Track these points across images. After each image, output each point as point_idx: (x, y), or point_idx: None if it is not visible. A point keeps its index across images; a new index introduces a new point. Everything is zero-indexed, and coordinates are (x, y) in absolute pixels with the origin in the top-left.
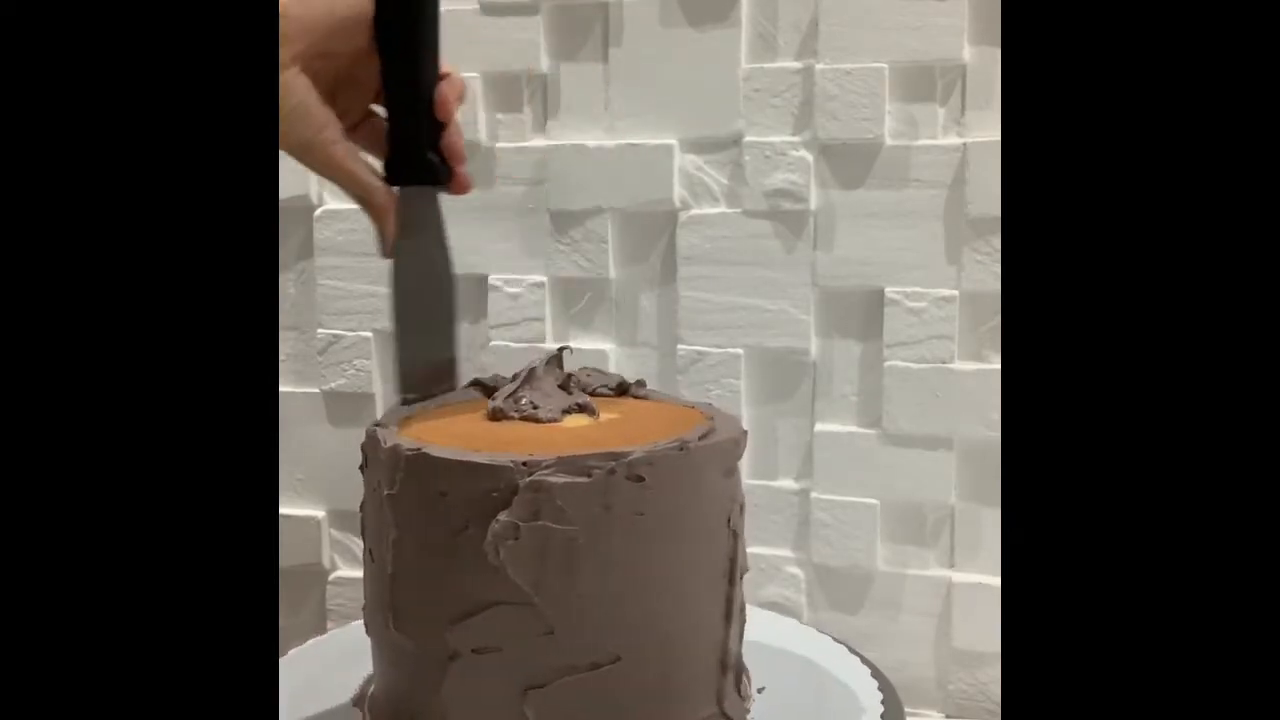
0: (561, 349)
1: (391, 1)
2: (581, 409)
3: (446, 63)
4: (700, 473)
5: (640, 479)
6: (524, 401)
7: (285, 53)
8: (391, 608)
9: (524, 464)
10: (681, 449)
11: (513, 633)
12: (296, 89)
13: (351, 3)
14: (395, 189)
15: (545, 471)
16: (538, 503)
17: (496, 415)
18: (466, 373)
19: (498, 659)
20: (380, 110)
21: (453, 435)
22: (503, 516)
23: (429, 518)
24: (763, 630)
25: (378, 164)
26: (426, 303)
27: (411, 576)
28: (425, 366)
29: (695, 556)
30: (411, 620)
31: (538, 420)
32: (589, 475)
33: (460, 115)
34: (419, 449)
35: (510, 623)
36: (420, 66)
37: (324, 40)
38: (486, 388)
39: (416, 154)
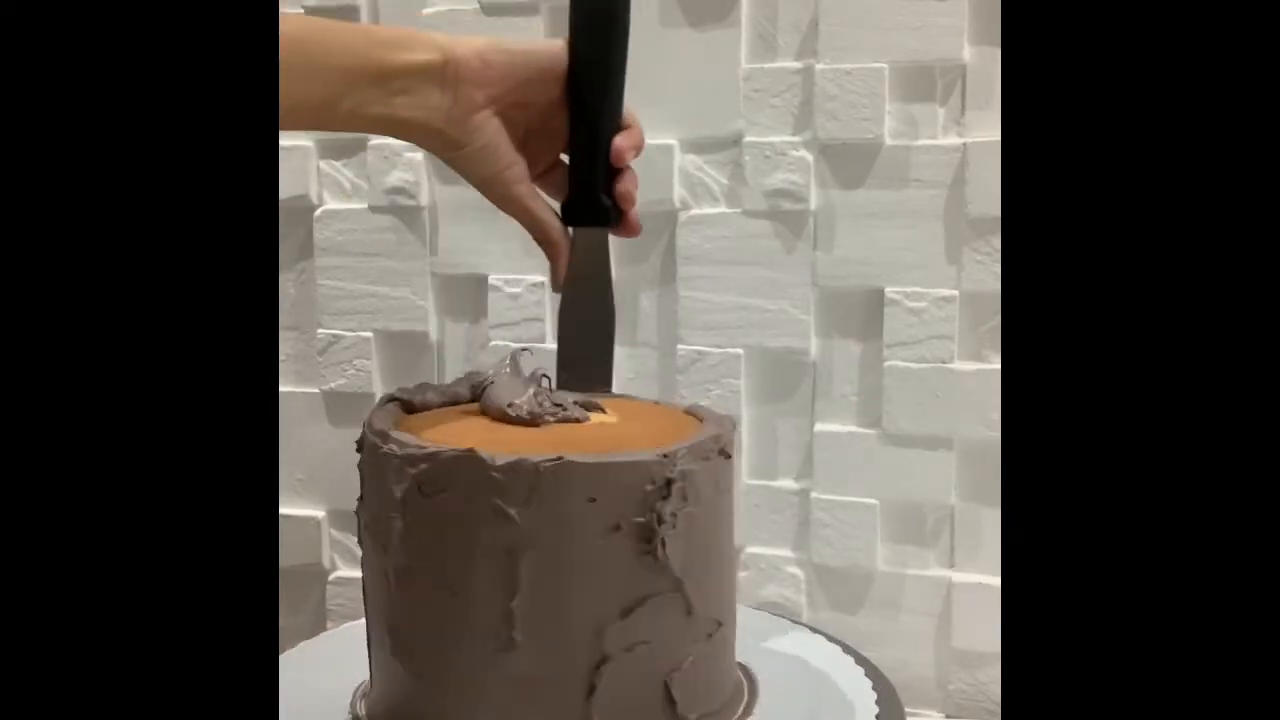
0: (522, 349)
1: (586, 57)
2: (589, 408)
3: (631, 114)
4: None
5: (729, 456)
6: (548, 404)
7: (482, 95)
8: (510, 632)
9: (665, 455)
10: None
11: (661, 622)
12: (488, 130)
13: (551, 55)
14: (570, 229)
15: (684, 460)
16: (685, 490)
17: (534, 419)
18: (460, 370)
19: (647, 651)
20: (566, 159)
21: (507, 441)
22: (658, 506)
23: (575, 527)
24: (760, 631)
25: (557, 205)
26: (590, 337)
27: (545, 593)
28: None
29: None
30: (543, 639)
31: (574, 420)
32: (708, 458)
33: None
34: (559, 458)
35: (659, 612)
36: (603, 116)
37: (520, 88)
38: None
39: (591, 197)
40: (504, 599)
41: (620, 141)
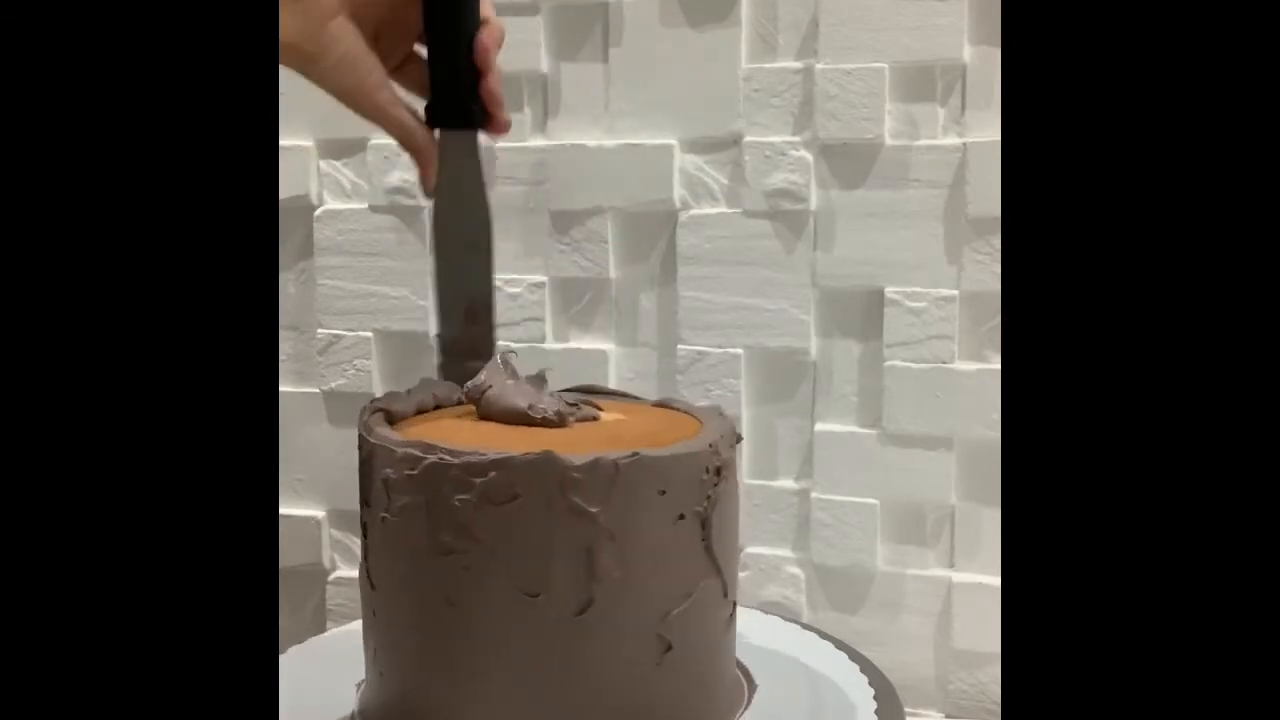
0: (508, 351)
1: None
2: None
3: (488, 8)
4: None
5: (741, 438)
6: (571, 405)
7: (332, 0)
8: (586, 626)
9: (711, 445)
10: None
11: (706, 608)
12: (344, 37)
13: None
14: (436, 132)
15: (724, 449)
16: (726, 477)
17: (561, 420)
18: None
19: (699, 638)
20: (422, 51)
21: (546, 442)
22: (710, 494)
23: (646, 519)
24: (760, 631)
25: (419, 105)
26: (465, 241)
27: (620, 587)
28: (464, 335)
29: None
30: (616, 632)
31: (590, 419)
32: (733, 446)
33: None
34: (635, 454)
35: (705, 598)
36: (461, 13)
37: None
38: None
39: (456, 99)
40: (583, 595)
41: (483, 38)
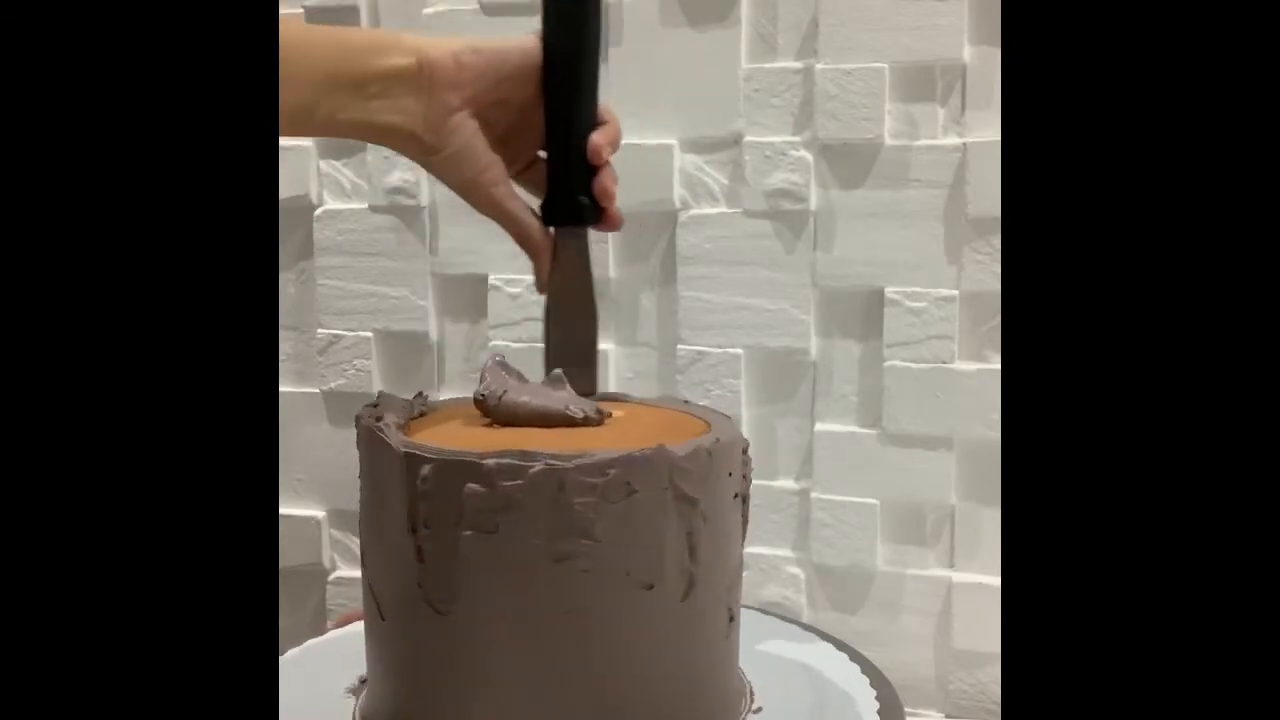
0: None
1: (558, 50)
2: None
3: (607, 111)
4: None
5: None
6: (593, 407)
7: (457, 97)
8: (690, 606)
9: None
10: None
11: (737, 578)
12: (464, 132)
13: (525, 53)
14: (550, 229)
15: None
16: (749, 456)
17: (601, 418)
18: (460, 370)
19: (740, 611)
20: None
21: (590, 440)
22: (746, 474)
23: (722, 500)
24: (760, 631)
25: (537, 204)
26: (575, 339)
27: (709, 567)
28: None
29: None
30: (707, 608)
31: (612, 416)
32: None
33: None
34: (718, 440)
35: (741, 569)
36: (577, 113)
37: (495, 88)
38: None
39: (569, 196)
40: (686, 580)
41: (597, 138)
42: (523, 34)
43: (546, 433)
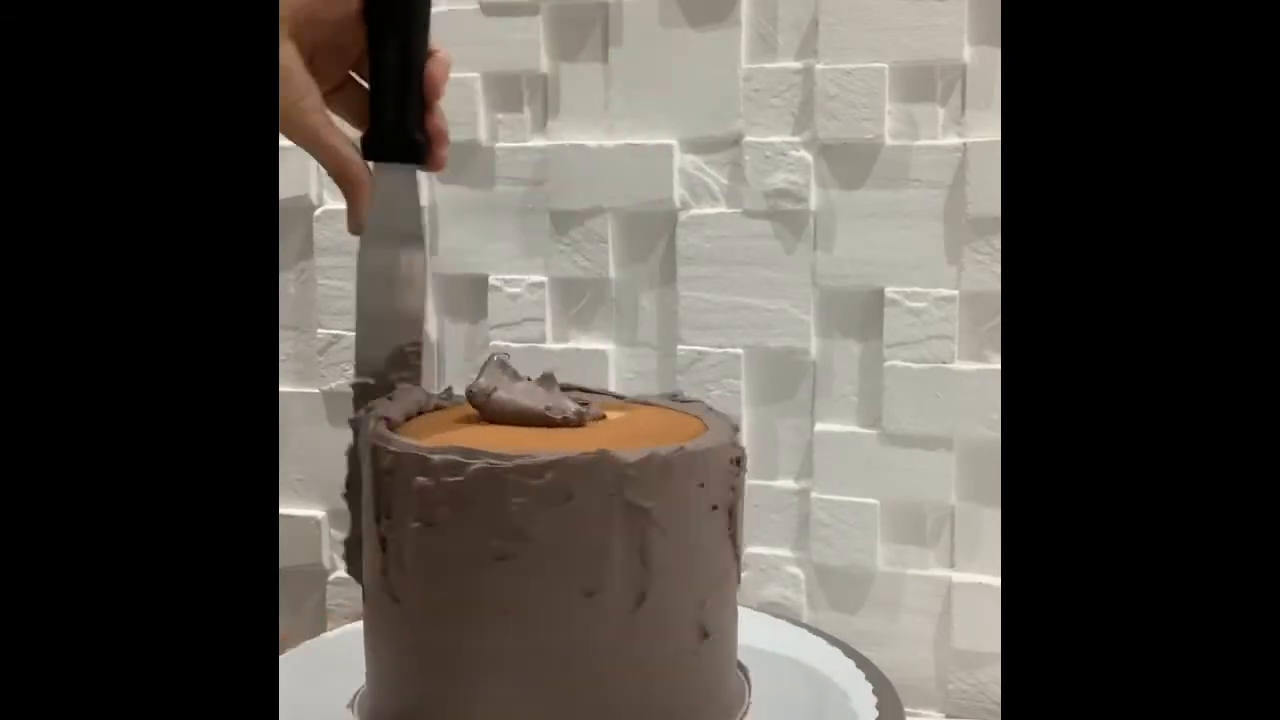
0: (500, 354)
1: None
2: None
3: (434, 40)
4: None
5: (738, 429)
6: (587, 406)
7: None
8: (641, 618)
9: (734, 437)
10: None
11: (730, 589)
12: (281, 55)
13: None
14: (371, 164)
15: (740, 441)
16: (742, 467)
17: (580, 420)
18: (461, 370)
19: (728, 621)
20: (358, 77)
21: (569, 443)
22: (734, 484)
23: (690, 511)
24: (760, 632)
25: (354, 134)
26: (400, 281)
27: (670, 578)
28: (387, 355)
29: None
30: (665, 623)
31: (600, 418)
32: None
33: (444, 103)
34: (680, 448)
35: (729, 587)
36: (412, 42)
37: (312, 4)
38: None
39: (401, 131)
40: (638, 589)
41: (434, 69)
42: None
43: (529, 432)
